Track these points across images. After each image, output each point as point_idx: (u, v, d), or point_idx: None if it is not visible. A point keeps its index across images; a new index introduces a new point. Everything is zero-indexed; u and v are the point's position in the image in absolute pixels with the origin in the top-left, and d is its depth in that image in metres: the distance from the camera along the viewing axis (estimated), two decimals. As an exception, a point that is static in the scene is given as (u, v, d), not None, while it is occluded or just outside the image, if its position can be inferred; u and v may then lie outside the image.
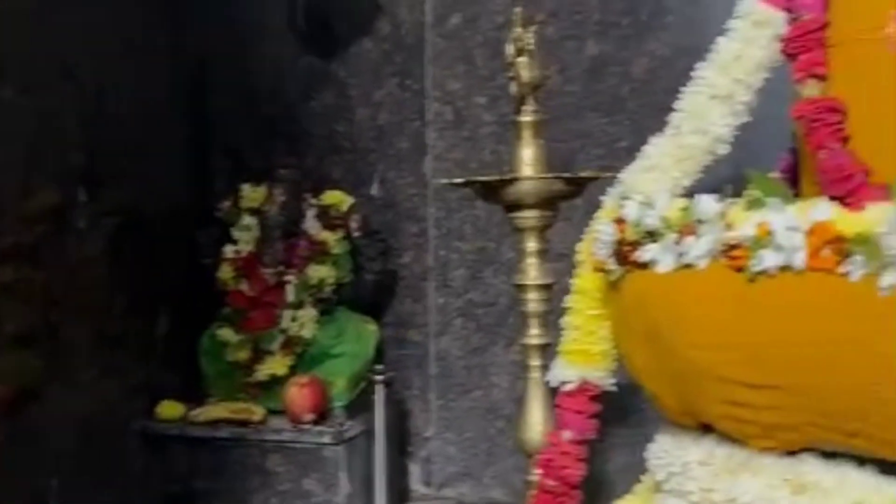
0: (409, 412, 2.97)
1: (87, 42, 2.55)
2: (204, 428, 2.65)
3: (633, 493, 1.74)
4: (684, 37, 2.54)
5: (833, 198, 1.55)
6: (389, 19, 2.95)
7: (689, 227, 1.49)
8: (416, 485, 2.97)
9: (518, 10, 2.07)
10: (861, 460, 1.44)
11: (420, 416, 2.97)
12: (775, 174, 1.78)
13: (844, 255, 1.37)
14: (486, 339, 2.85)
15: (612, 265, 1.60)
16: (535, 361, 2.09)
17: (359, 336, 2.84)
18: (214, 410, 2.68)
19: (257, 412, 2.66)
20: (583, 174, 2.07)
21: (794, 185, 1.75)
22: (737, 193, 1.54)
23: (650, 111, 1.86)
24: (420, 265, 2.95)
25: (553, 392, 1.87)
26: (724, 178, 1.67)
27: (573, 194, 2.08)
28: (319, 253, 2.82)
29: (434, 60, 2.91)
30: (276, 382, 2.72)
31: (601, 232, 1.61)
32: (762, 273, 1.41)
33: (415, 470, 2.97)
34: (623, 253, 1.57)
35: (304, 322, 2.78)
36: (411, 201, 2.95)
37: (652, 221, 1.53)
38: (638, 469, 1.76)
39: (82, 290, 2.55)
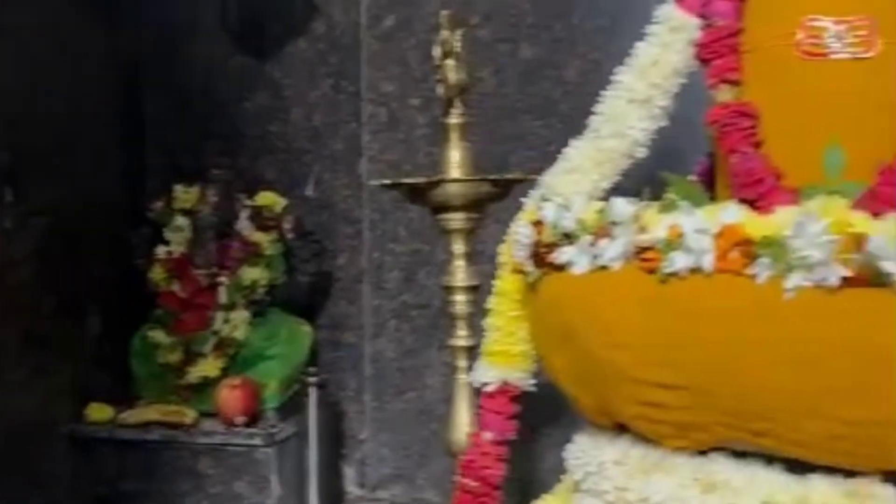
0: (344, 414, 2.98)
1: (19, 42, 2.53)
2: (134, 430, 2.64)
3: (552, 493, 1.76)
4: (616, 41, 2.57)
5: (744, 201, 1.58)
6: (324, 20, 2.96)
7: (603, 230, 1.51)
8: (350, 487, 2.98)
9: (445, 13, 2.09)
10: (770, 459, 1.47)
11: (354, 418, 2.98)
12: (693, 178, 1.81)
13: (752, 258, 1.41)
14: (420, 340, 2.87)
15: (529, 267, 1.62)
16: (462, 363, 2.11)
17: (292, 338, 2.84)
18: (145, 413, 2.66)
19: (189, 415, 2.65)
20: (508, 176, 2.09)
21: (711, 188, 1.78)
22: (657, 196, 1.57)
23: (582, 114, 1.89)
24: (355, 267, 2.97)
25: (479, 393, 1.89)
26: (647, 181, 1.70)
27: (500, 196, 2.10)
28: (252, 254, 2.81)
29: (369, 62, 2.92)
30: (207, 384, 2.71)
31: (519, 234, 1.63)
32: (673, 275, 1.44)
33: (349, 472, 2.98)
34: (540, 255, 1.59)
35: (236, 324, 2.77)
36: (346, 203, 2.96)
37: (568, 223, 1.55)
38: (568, 469, 1.78)
39: (10, 291, 2.52)
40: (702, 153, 1.94)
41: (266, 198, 2.86)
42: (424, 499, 2.86)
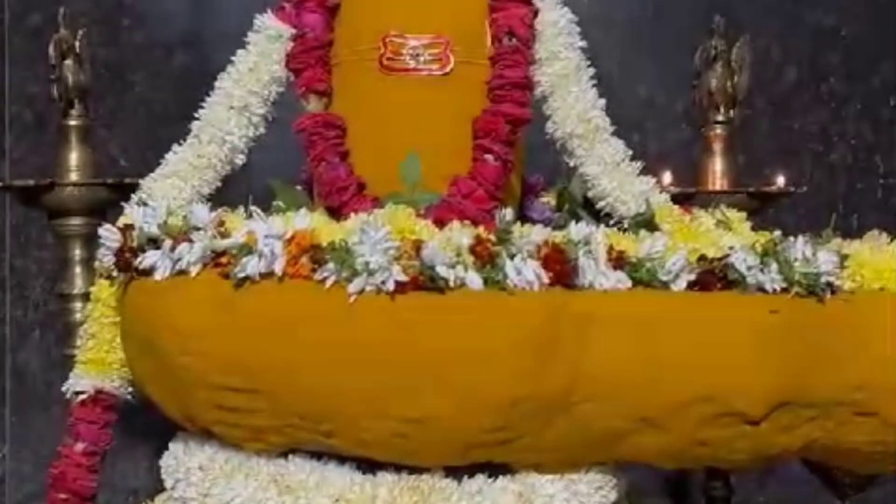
0: (-19, 431, 2.86)
1: None
2: None
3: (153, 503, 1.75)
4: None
5: (329, 208, 1.65)
6: (-36, 15, 2.84)
7: (184, 234, 1.53)
8: (-13, 506, 2.86)
9: (62, 10, 2.06)
10: (343, 459, 1.53)
11: (-6, 434, 2.87)
12: (299, 187, 1.86)
13: (320, 263, 1.46)
14: (63, 351, 2.78)
15: (115, 272, 1.62)
16: (81, 374, 2.06)
17: (-80, 350, 2.71)
18: None
19: None
20: (127, 180, 2.06)
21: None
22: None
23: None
24: (-4, 274, 2.86)
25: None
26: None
27: (122, 201, 2.07)
28: None
29: (13, 61, 2.83)
30: None
31: (106, 238, 1.61)
32: (246, 279, 1.47)
33: (-14, 490, 2.86)
34: (126, 259, 1.58)
35: None
36: (-13, 206, 2.85)
37: (152, 228, 1.56)
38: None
39: None
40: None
41: None
42: (67, 516, 2.77)
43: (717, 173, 2.19)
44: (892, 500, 2.53)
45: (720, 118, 2.21)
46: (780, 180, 2.18)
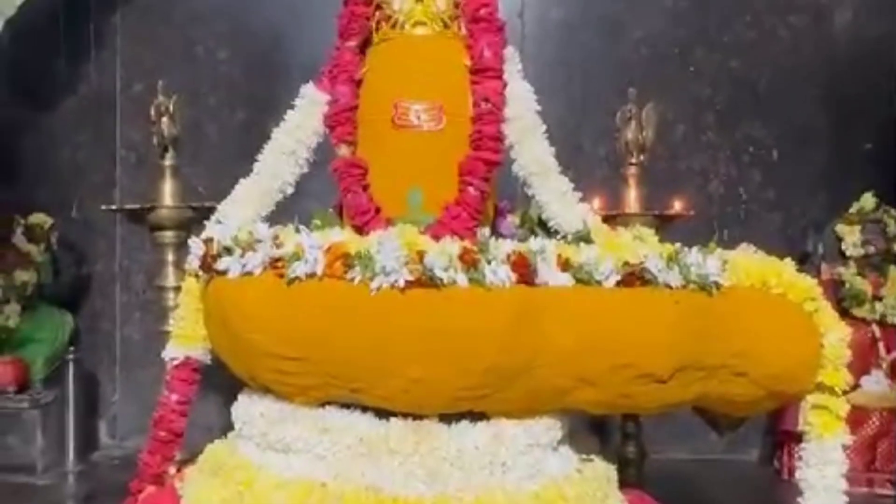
0: (99, 383, 2.82)
1: None
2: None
3: (226, 439, 1.70)
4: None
5: (355, 227, 1.61)
6: (87, 83, 2.81)
7: (250, 245, 1.48)
8: (103, 438, 2.83)
9: (160, 82, 2.01)
10: (365, 409, 1.49)
11: (108, 386, 2.84)
12: (331, 210, 1.81)
13: (349, 266, 1.42)
14: (158, 327, 2.74)
15: (200, 272, 1.57)
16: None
17: (56, 325, 2.68)
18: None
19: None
20: (207, 204, 2.01)
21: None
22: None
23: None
24: (109, 271, 2.83)
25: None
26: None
27: (201, 219, 2.02)
28: (24, 261, 2.63)
29: (122, 115, 2.80)
30: (-16, 362, 2.49)
31: (193, 247, 1.57)
32: (296, 279, 1.43)
33: (103, 427, 2.83)
34: (208, 263, 1.53)
35: (8, 315, 2.58)
36: (103, 222, 2.80)
37: (226, 240, 1.51)
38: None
39: None
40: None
41: (37, 217, 2.70)
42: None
43: (631, 200, 2.16)
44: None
45: (633, 161, 2.18)
46: (677, 205, 2.16)
